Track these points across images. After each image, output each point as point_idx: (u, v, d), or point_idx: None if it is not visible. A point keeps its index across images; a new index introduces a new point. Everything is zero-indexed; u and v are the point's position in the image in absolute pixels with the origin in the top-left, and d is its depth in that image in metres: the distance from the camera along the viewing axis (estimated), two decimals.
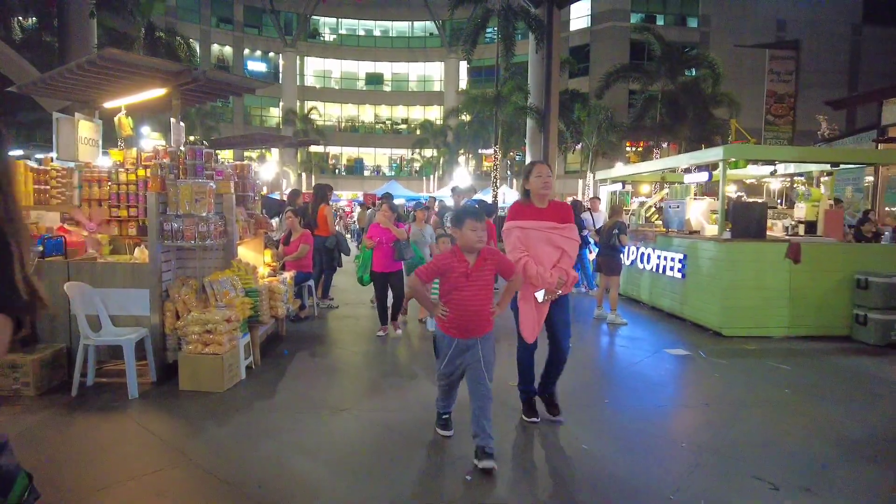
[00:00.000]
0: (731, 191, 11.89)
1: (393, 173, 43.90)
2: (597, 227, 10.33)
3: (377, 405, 4.40)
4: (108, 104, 6.01)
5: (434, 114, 44.19)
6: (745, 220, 6.93)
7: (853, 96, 16.34)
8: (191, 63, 38.21)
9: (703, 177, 7.45)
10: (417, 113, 45.57)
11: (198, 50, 39.03)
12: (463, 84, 42.67)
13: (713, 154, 7.00)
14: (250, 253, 6.23)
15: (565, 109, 24.95)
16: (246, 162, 6.19)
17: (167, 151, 5.13)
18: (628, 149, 36.24)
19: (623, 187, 10.27)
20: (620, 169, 10.86)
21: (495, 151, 20.57)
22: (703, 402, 4.64)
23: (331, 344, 6.38)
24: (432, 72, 45.50)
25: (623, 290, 9.62)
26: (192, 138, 4.90)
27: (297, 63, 43.29)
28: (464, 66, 43.75)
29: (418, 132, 41.49)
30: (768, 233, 7.40)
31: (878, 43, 34.99)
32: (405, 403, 4.46)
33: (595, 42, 35.91)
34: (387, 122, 46.14)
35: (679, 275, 7.88)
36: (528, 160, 19.84)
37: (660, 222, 9.44)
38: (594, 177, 31.03)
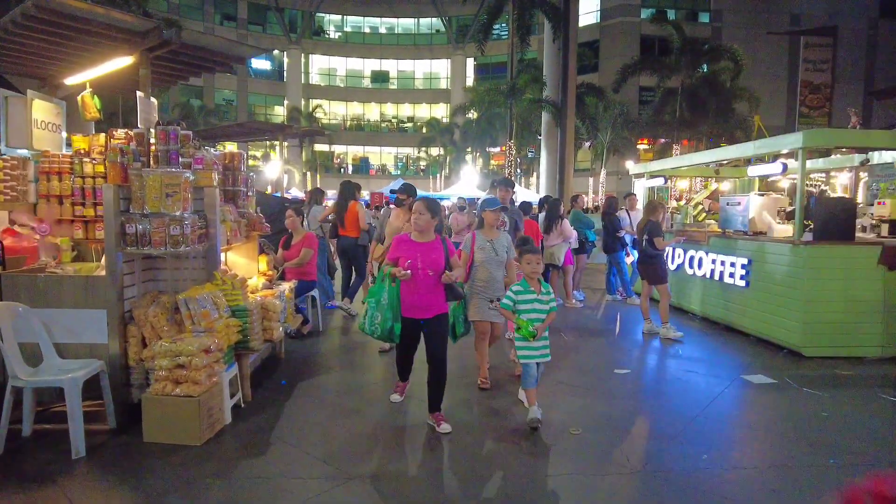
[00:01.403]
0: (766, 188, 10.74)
1: (399, 172, 42.89)
2: (634, 227, 9.27)
3: (401, 468, 3.32)
4: (71, 80, 4.97)
5: (440, 112, 43.21)
6: (830, 220, 5.83)
7: None
8: None
9: (774, 168, 6.34)
10: (423, 111, 44.61)
11: None
12: (470, 81, 41.65)
13: (790, 141, 5.90)
14: (241, 260, 5.17)
15: (580, 104, 23.90)
16: (237, 150, 5.14)
17: (134, 133, 4.07)
18: (644, 146, 35.16)
19: (665, 182, 9.17)
20: (663, 161, 9.68)
21: (510, 147, 19.46)
22: (827, 457, 3.54)
23: (340, 370, 5.29)
24: (438, 69, 44.52)
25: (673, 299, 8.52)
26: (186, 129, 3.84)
27: (301, 61, 42.43)
28: (470, 63, 42.98)
29: (424, 130, 40.45)
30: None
31: (895, 37, 33.76)
32: (439, 466, 3.39)
33: (605, 38, 34.85)
34: (392, 120, 45.20)
35: (741, 282, 6.78)
36: (542, 156, 18.81)
37: (711, 222, 8.34)
38: (606, 174, 30.16)
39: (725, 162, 8.08)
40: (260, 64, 42.49)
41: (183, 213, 3.78)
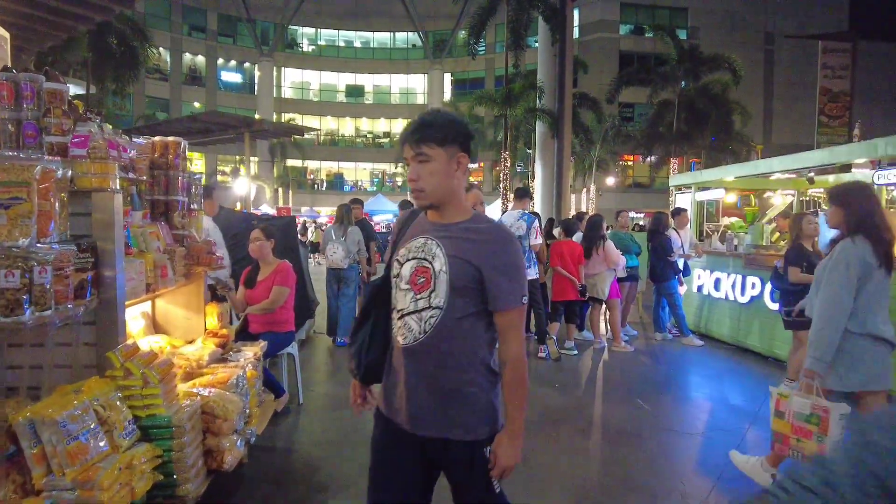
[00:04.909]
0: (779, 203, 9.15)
1: (374, 188, 41.06)
2: (685, 249, 7.56)
3: None
4: None
5: None
6: None
7: None
8: (159, 72, 35.09)
9: None
10: (400, 126, 43.02)
11: (168, 58, 36.04)
12: (447, 96, 40.39)
13: None
14: (177, 313, 3.18)
15: (573, 115, 22.48)
16: (172, 139, 3.20)
17: None
18: (629, 162, 34.09)
19: (725, 194, 7.48)
20: (723, 169, 7.80)
21: (504, 159, 17.82)
22: None
23: (345, 491, 3.26)
24: (415, 84, 43.19)
25: (742, 339, 6.78)
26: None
27: (273, 74, 40.53)
28: (448, 78, 41.67)
29: None
30: None
31: (864, 56, 33.64)
32: None
33: (584, 53, 34.00)
34: (368, 135, 43.50)
35: None
36: (538, 170, 17.28)
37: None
38: (594, 190, 28.81)
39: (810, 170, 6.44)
40: (230, 76, 40.46)
41: (34, 243, 1.84)
